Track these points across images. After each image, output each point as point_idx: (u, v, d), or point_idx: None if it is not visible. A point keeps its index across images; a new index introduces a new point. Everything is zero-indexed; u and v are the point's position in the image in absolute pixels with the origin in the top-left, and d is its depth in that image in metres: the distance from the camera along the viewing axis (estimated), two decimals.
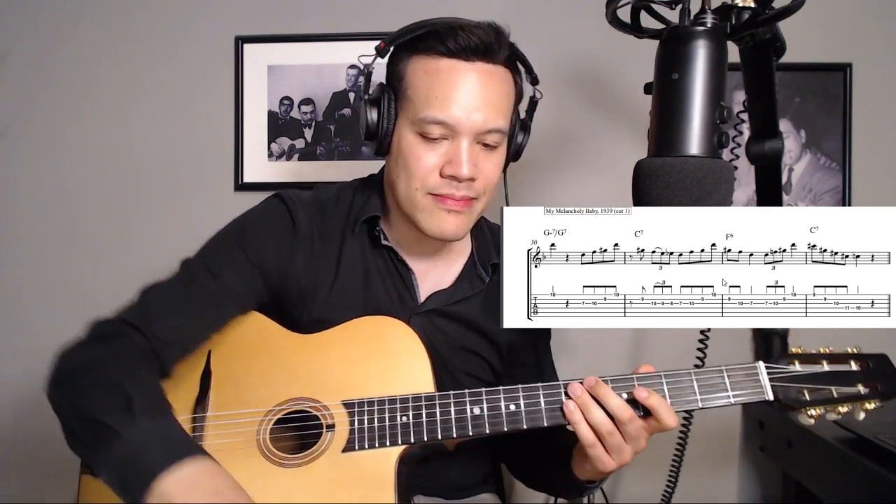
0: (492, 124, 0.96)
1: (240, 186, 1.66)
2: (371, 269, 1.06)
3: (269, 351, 0.99)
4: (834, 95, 1.59)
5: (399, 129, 0.99)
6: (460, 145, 0.96)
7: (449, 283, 1.09)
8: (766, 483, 1.61)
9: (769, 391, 0.88)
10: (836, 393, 0.88)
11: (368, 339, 0.98)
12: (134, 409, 0.81)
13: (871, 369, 0.89)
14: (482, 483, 1.20)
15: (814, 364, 0.90)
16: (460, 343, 1.08)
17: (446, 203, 0.97)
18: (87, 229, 1.68)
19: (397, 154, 0.99)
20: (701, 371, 0.90)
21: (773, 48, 1.00)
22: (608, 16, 0.94)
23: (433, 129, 0.95)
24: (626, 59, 1.34)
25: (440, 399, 0.92)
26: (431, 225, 0.99)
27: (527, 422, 0.90)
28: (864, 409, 0.89)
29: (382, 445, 0.91)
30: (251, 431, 0.94)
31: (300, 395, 0.96)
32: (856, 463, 1.05)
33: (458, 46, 0.94)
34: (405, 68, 0.98)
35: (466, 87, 0.95)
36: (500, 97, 0.98)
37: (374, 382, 0.95)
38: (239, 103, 1.65)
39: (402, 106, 0.98)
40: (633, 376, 0.90)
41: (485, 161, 0.99)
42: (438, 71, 0.95)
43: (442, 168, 0.96)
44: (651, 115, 0.89)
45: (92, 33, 1.68)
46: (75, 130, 1.68)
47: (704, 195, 0.84)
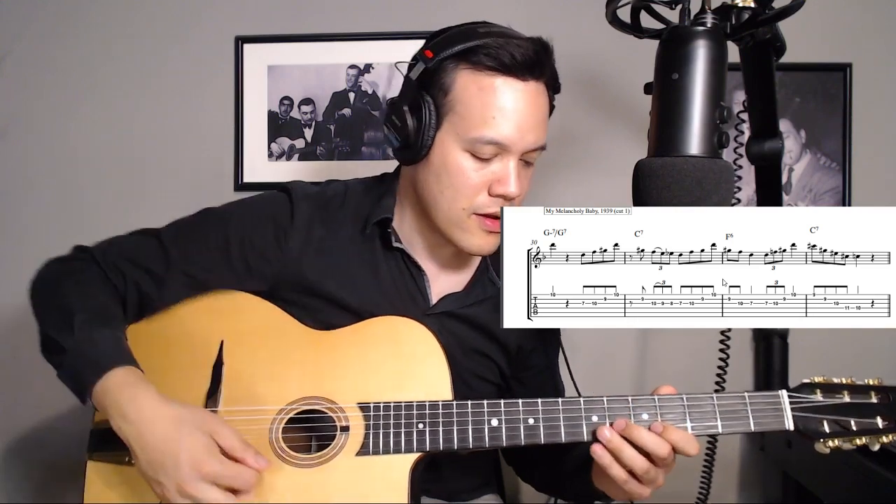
0: (540, 143, 0.98)
1: (240, 186, 1.65)
2: (382, 270, 1.05)
3: (284, 345, 0.98)
4: (834, 95, 1.59)
5: (443, 142, 0.96)
6: (509, 164, 0.96)
7: (461, 286, 1.08)
8: (766, 483, 1.61)
9: (790, 421, 0.88)
10: (854, 425, 0.87)
11: (386, 339, 0.97)
12: (73, 321, 0.89)
13: (891, 402, 0.89)
14: (484, 484, 1.19)
15: (835, 394, 0.89)
16: (470, 346, 1.08)
17: (487, 224, 0.98)
18: (87, 229, 1.66)
19: (440, 169, 0.97)
20: (723, 396, 0.89)
21: (773, 48, 1.00)
22: (608, 16, 0.94)
23: (487, 150, 0.94)
24: (626, 59, 1.34)
25: (458, 408, 0.91)
26: (472, 244, 0.99)
27: (545, 437, 0.89)
28: (880, 442, 0.88)
29: (397, 452, 0.90)
30: (264, 430, 0.93)
31: (314, 394, 0.94)
32: (856, 463, 1.05)
33: (514, 62, 0.92)
34: (452, 80, 0.95)
35: (521, 108, 0.94)
36: (544, 114, 0.99)
37: (390, 385, 0.93)
38: (239, 103, 1.65)
39: (449, 119, 0.96)
40: (654, 397, 0.89)
41: (524, 176, 1.00)
42: (494, 89, 0.93)
43: (490, 186, 0.96)
44: (651, 115, 0.89)
45: (92, 33, 1.68)
46: (75, 130, 1.68)
47: (704, 195, 0.84)
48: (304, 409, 0.94)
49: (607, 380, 1.59)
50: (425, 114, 0.95)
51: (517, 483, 1.61)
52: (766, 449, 1.48)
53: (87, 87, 1.68)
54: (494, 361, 1.11)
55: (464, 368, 1.07)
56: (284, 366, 0.96)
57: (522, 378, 1.14)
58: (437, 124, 0.96)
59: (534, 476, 1.16)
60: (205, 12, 1.66)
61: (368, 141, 1.64)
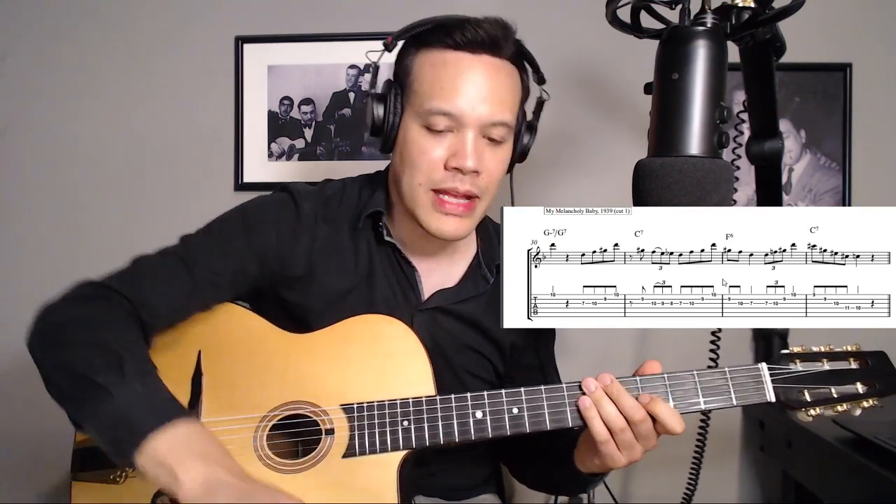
0: (497, 117, 0.96)
1: (240, 186, 1.65)
2: (374, 265, 1.05)
3: (262, 351, 0.96)
4: (834, 95, 1.59)
5: (405, 123, 0.99)
6: (465, 137, 0.95)
7: (453, 282, 1.08)
8: (766, 483, 1.61)
9: (771, 393, 0.88)
10: (835, 392, 0.89)
11: (365, 339, 0.96)
12: (125, 369, 0.81)
13: (869, 367, 0.90)
14: (483, 484, 1.19)
15: (814, 362, 0.90)
16: (464, 342, 1.08)
17: (444, 207, 0.97)
18: (87, 229, 1.68)
19: (402, 148, 0.99)
20: (704, 372, 0.90)
21: (773, 48, 1.00)
22: (608, 16, 0.94)
23: (439, 121, 0.95)
24: (626, 59, 1.34)
25: (441, 403, 0.91)
26: (431, 224, 0.99)
27: (530, 425, 0.89)
28: (862, 407, 0.89)
29: (384, 451, 0.90)
30: (248, 438, 0.92)
31: (296, 398, 0.93)
32: (856, 463, 1.05)
33: (465, 39, 0.94)
34: (412, 63, 0.99)
35: (472, 79, 0.95)
36: (506, 91, 0.98)
37: (372, 385, 0.93)
38: (239, 103, 1.65)
39: (409, 100, 0.98)
40: (636, 378, 0.90)
41: (490, 156, 0.98)
42: (445, 63, 0.95)
43: (447, 161, 0.96)
44: (651, 115, 0.89)
45: (92, 33, 1.68)
46: (75, 130, 1.68)
47: (704, 195, 0.84)
48: (288, 415, 0.93)
49: None
50: (389, 99, 0.99)
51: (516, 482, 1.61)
52: (766, 449, 1.48)
53: (87, 87, 1.68)
54: (488, 359, 1.11)
55: (457, 365, 1.07)
56: (265, 371, 0.95)
57: (514, 376, 1.14)
58: (402, 108, 0.99)
59: (526, 475, 1.17)
60: (205, 12, 1.66)
61: (368, 141, 1.64)
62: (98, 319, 0.88)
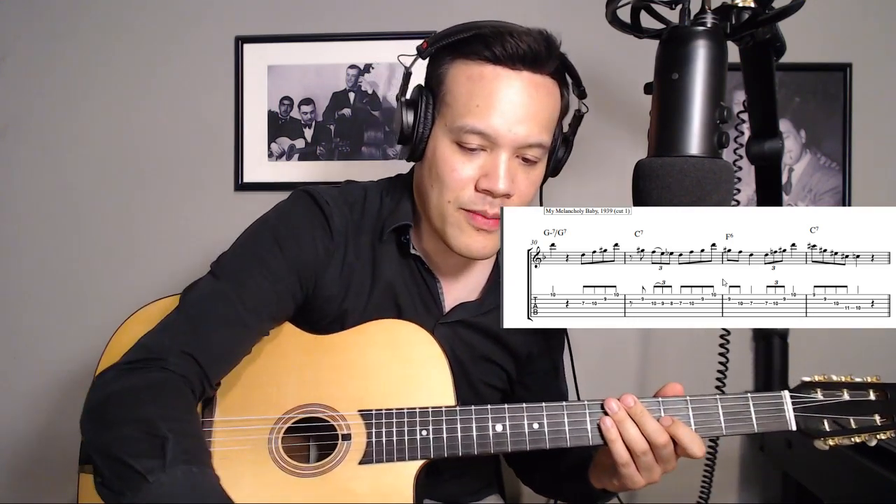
0: (534, 139, 0.92)
1: (240, 186, 1.66)
2: (397, 278, 1.02)
3: (280, 351, 0.95)
4: (834, 95, 1.59)
5: (435, 135, 0.94)
6: (498, 158, 0.91)
7: (476, 295, 1.06)
8: (766, 483, 1.61)
9: (792, 422, 0.89)
10: (854, 423, 0.89)
11: (386, 344, 0.94)
12: (167, 453, 0.74)
13: (888, 400, 0.90)
14: (486, 486, 1.19)
15: (834, 392, 0.91)
16: (481, 353, 1.07)
17: (476, 220, 0.93)
18: (87, 229, 1.68)
19: (431, 162, 0.94)
20: (726, 398, 0.89)
21: (773, 48, 1.00)
22: (608, 16, 0.94)
23: (471, 140, 0.90)
24: (626, 59, 1.34)
25: (461, 414, 0.89)
26: (459, 242, 0.94)
27: (550, 442, 0.88)
28: (878, 439, 0.90)
29: (401, 459, 0.88)
30: (262, 438, 0.90)
31: (313, 400, 0.92)
32: (856, 463, 1.05)
33: (505, 53, 0.89)
34: (446, 72, 0.93)
35: (510, 97, 0.90)
36: (545, 110, 0.93)
37: (392, 391, 0.91)
38: (239, 103, 1.65)
39: (441, 111, 0.94)
40: (658, 399, 0.89)
41: (522, 177, 0.94)
42: (482, 77, 0.90)
43: (477, 181, 0.92)
44: (651, 115, 0.89)
45: (92, 33, 1.68)
46: (75, 130, 1.68)
47: (704, 195, 0.84)
48: (304, 417, 0.92)
49: (608, 380, 1.59)
50: (421, 108, 0.93)
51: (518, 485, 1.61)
52: (766, 449, 1.48)
53: (87, 87, 1.68)
54: (503, 368, 1.10)
55: (474, 376, 1.06)
56: (282, 372, 0.93)
57: (527, 382, 1.14)
58: (433, 118, 0.94)
59: (534, 479, 1.16)
60: (205, 12, 1.66)
61: (368, 141, 1.64)
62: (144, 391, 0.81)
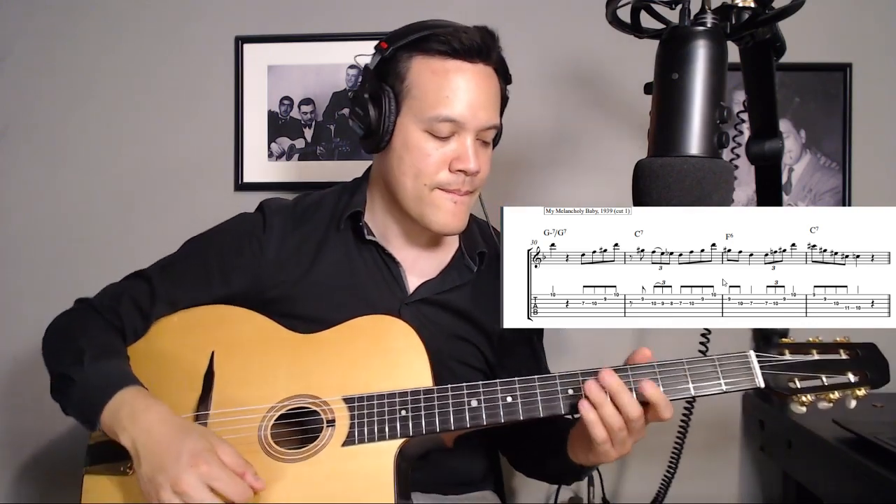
0: (492, 121, 1.04)
1: (240, 186, 1.65)
2: (357, 264, 1.10)
3: (271, 350, 1.02)
4: (834, 95, 1.59)
5: (403, 126, 1.03)
6: (465, 141, 1.02)
7: (436, 273, 1.12)
8: (766, 483, 1.61)
9: (760, 378, 0.89)
10: (826, 381, 0.89)
11: (368, 337, 1.00)
12: (84, 358, 0.95)
13: (860, 358, 0.90)
14: (481, 480, 1.20)
15: (803, 353, 0.91)
16: (450, 331, 1.11)
17: (454, 197, 1.03)
18: (87, 229, 1.68)
19: (402, 152, 1.03)
20: (693, 360, 0.91)
21: (773, 48, 1.00)
22: (608, 16, 0.94)
23: (443, 128, 1.01)
24: (626, 59, 1.33)
25: (438, 392, 0.94)
26: (438, 219, 1.04)
27: (523, 413, 0.91)
28: (856, 397, 0.89)
29: (382, 439, 0.93)
30: (253, 428, 0.96)
31: (301, 392, 0.97)
32: (856, 463, 1.05)
33: (463, 47, 1.00)
34: (407, 67, 1.02)
35: (471, 87, 1.01)
36: (496, 96, 1.06)
37: (374, 379, 0.96)
38: (239, 103, 1.65)
39: (406, 104, 1.02)
40: (627, 367, 0.91)
41: (483, 156, 1.05)
42: (446, 71, 1.00)
43: (450, 163, 1.02)
44: (651, 115, 0.89)
45: (92, 33, 1.68)
46: (75, 131, 1.68)
47: (704, 195, 0.84)
48: (293, 407, 0.97)
49: None
50: (385, 102, 1.02)
51: (514, 479, 1.61)
52: (766, 449, 1.48)
53: (87, 88, 1.68)
54: (476, 346, 1.14)
55: (445, 354, 1.09)
56: (272, 368, 1.00)
57: (506, 365, 1.16)
58: (397, 110, 1.03)
59: (523, 462, 1.19)
60: (205, 12, 1.66)
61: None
62: (73, 323, 1.05)
